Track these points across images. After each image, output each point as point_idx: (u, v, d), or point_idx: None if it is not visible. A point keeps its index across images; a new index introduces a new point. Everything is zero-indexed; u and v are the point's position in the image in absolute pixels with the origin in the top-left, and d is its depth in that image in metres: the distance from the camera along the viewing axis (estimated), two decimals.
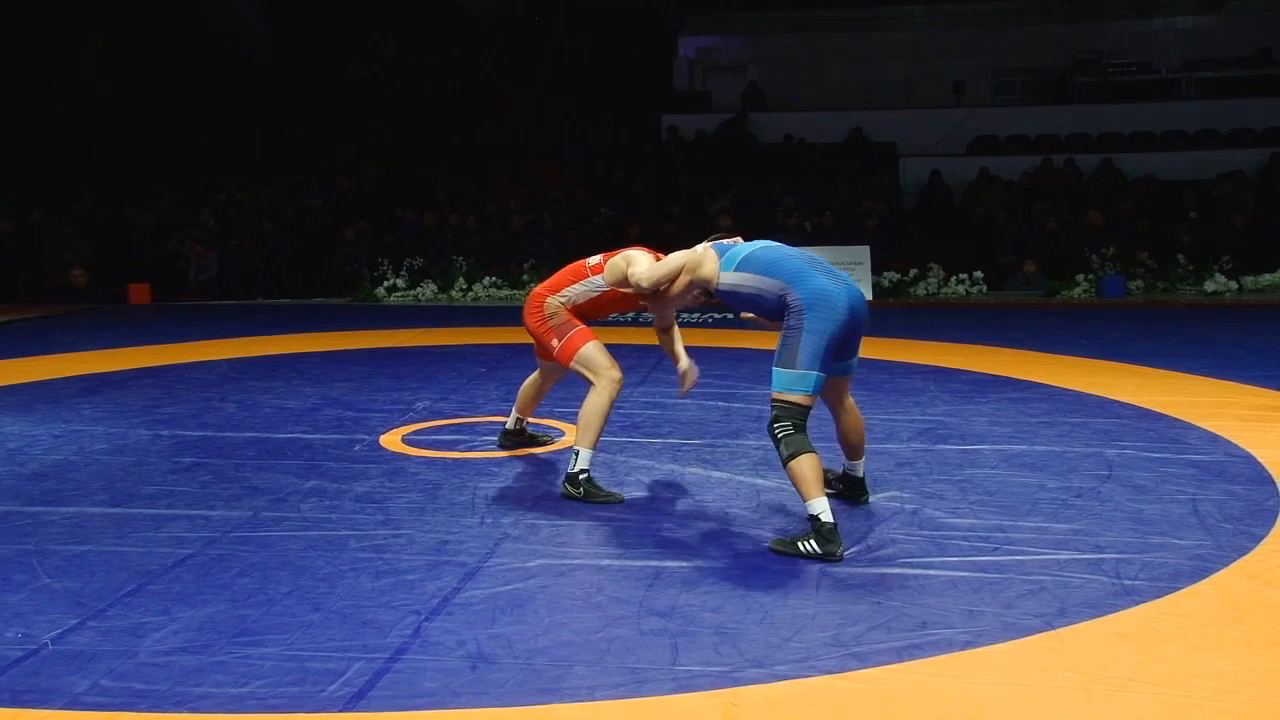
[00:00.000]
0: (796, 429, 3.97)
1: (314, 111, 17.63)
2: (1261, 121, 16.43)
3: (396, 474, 5.14)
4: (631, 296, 4.81)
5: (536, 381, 5.42)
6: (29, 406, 6.78)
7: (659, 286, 4.55)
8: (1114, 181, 15.34)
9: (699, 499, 4.72)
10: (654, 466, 5.24)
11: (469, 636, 3.26)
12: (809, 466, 3.93)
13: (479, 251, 14.24)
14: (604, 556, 4.03)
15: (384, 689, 2.94)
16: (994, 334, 9.58)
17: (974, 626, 3.31)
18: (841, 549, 3.91)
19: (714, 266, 4.33)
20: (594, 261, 4.93)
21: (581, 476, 4.69)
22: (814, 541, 3.90)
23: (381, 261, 13.75)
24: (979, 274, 13.31)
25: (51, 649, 3.21)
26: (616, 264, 4.78)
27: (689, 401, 6.58)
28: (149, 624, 3.38)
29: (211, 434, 5.97)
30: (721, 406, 6.54)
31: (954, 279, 13.29)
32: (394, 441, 5.80)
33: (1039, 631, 3.27)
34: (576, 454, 4.72)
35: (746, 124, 17.61)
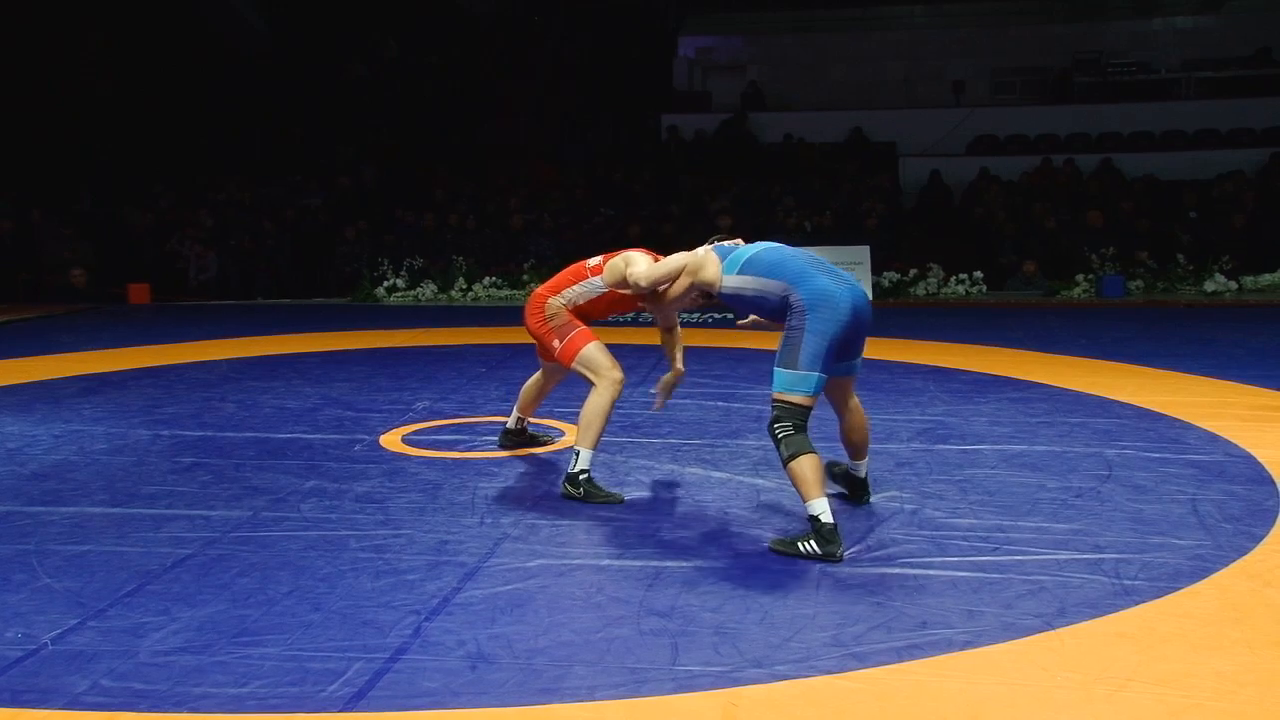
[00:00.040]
0: (797, 429, 3.97)
1: (314, 111, 17.62)
2: (1261, 121, 16.43)
3: (396, 474, 5.14)
4: (631, 297, 4.82)
5: (539, 382, 5.42)
6: (29, 406, 6.78)
7: (656, 287, 4.55)
8: (1114, 181, 15.33)
9: (699, 499, 4.72)
10: (654, 466, 5.25)
11: (469, 636, 3.26)
12: (809, 467, 3.93)
13: (479, 251, 14.23)
14: (604, 556, 4.03)
15: (384, 689, 2.94)
16: (994, 334, 9.58)
17: (974, 626, 3.31)
18: (841, 549, 3.91)
19: (716, 270, 4.33)
20: (594, 263, 4.94)
21: (582, 477, 4.69)
22: (814, 542, 3.90)
23: (381, 261, 13.75)
24: (979, 274, 13.31)
25: (51, 649, 3.21)
26: (615, 265, 4.79)
27: (689, 401, 6.58)
28: (149, 624, 3.38)
29: (211, 434, 5.98)
30: (721, 406, 6.54)
31: (954, 279, 13.29)
32: (394, 441, 5.80)
33: (1039, 631, 3.27)
34: (577, 454, 4.72)
35: (746, 124, 17.61)
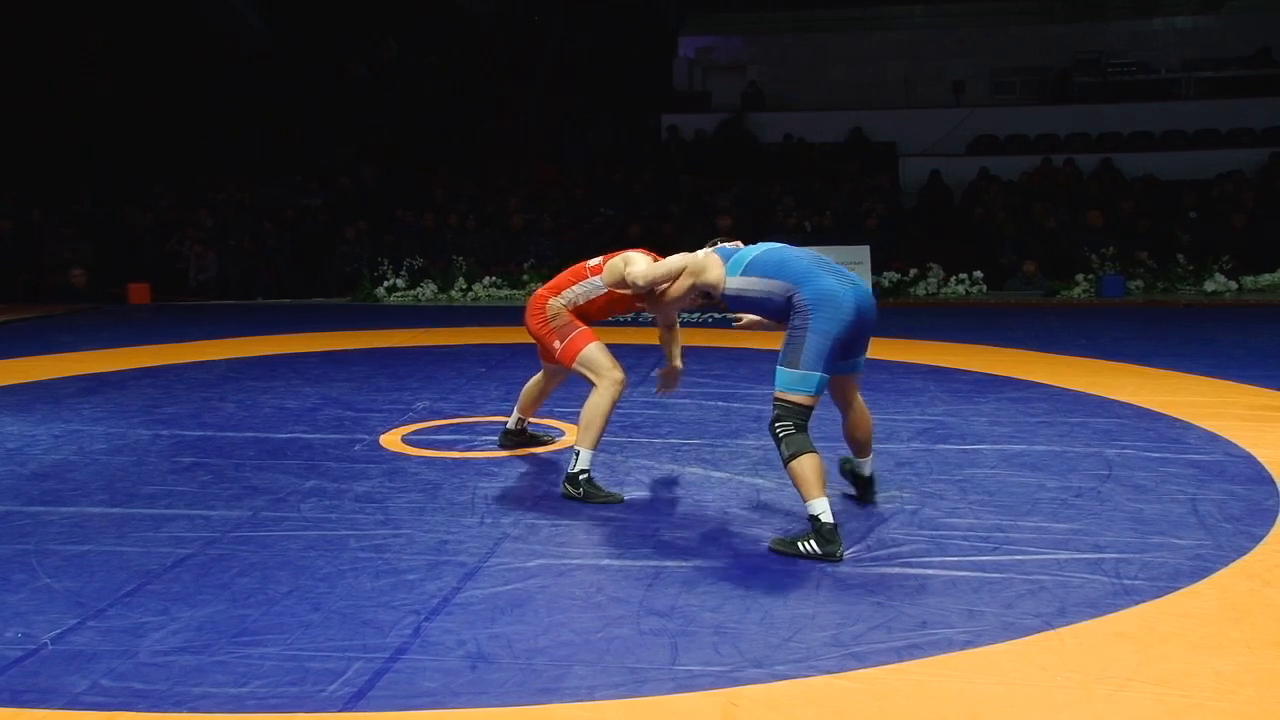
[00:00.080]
0: (798, 429, 3.97)
1: (314, 111, 17.63)
2: (1261, 121, 16.43)
3: (396, 474, 5.14)
4: (631, 297, 4.82)
5: (539, 383, 5.42)
6: (29, 406, 6.77)
7: (654, 286, 4.55)
8: (1114, 181, 15.34)
9: (699, 499, 4.72)
10: (654, 466, 5.24)
11: (469, 636, 3.26)
12: (810, 466, 3.93)
13: (479, 251, 14.24)
14: (604, 556, 4.03)
15: (384, 689, 2.94)
16: (994, 334, 9.58)
17: (974, 626, 3.31)
18: (841, 549, 3.91)
19: (720, 271, 4.32)
20: (594, 263, 4.95)
21: (582, 477, 4.69)
22: (814, 541, 3.90)
23: (381, 261, 13.75)
24: (979, 274, 13.31)
25: (51, 649, 3.21)
26: (615, 265, 4.79)
27: (689, 401, 6.58)
28: (149, 624, 3.38)
29: (211, 434, 5.97)
30: (721, 406, 6.54)
31: (954, 279, 13.29)
32: (394, 441, 5.80)
33: (1039, 631, 3.27)
34: (577, 454, 4.72)
35: (745, 123, 17.61)
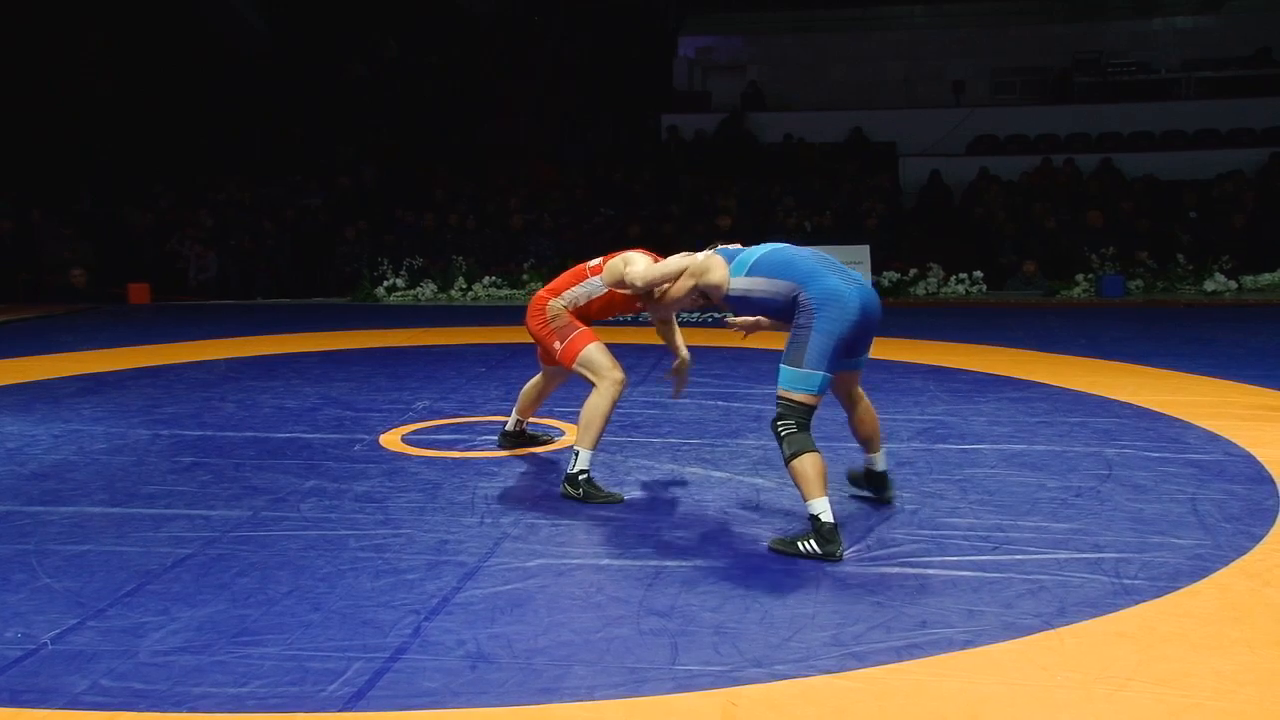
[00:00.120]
0: (800, 427, 3.97)
1: (314, 111, 17.63)
2: (1261, 121, 16.44)
3: (396, 474, 5.14)
4: (632, 297, 4.81)
5: (538, 384, 5.42)
6: (28, 406, 6.77)
7: (653, 287, 4.55)
8: (1114, 181, 15.34)
9: (699, 499, 4.72)
10: (654, 466, 5.24)
11: (469, 636, 3.26)
12: (811, 465, 3.92)
13: (479, 251, 14.24)
14: (604, 556, 4.03)
15: (384, 689, 2.94)
16: (994, 334, 9.58)
17: (974, 626, 3.31)
18: (841, 549, 3.91)
19: (723, 272, 4.30)
20: (594, 264, 4.95)
21: (581, 477, 4.69)
22: (814, 541, 3.90)
23: (381, 261, 13.76)
24: (979, 274, 13.32)
25: (51, 649, 3.21)
26: (614, 265, 4.79)
27: (689, 401, 6.58)
28: (148, 624, 3.38)
29: (211, 434, 5.97)
30: (721, 406, 6.54)
31: (954, 279, 13.29)
32: (394, 441, 5.80)
33: (1039, 631, 3.27)
34: (576, 454, 4.72)
35: (744, 122, 17.60)
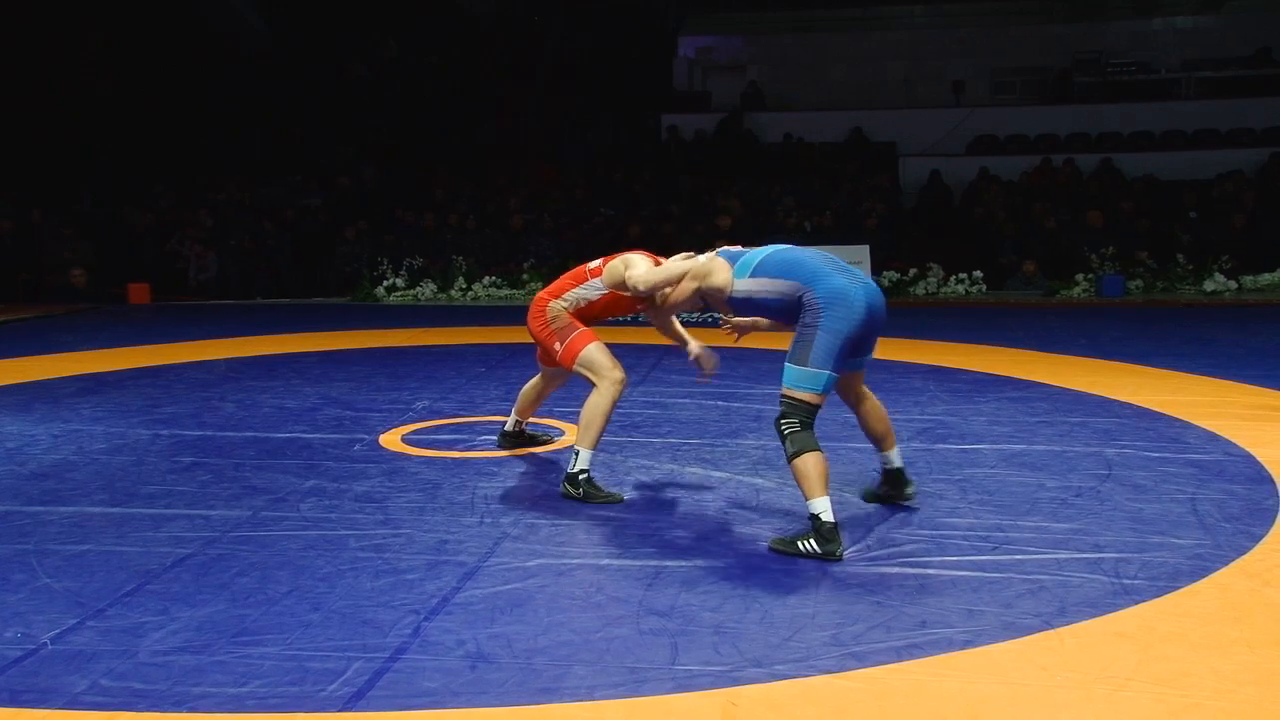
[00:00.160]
0: (803, 426, 3.97)
1: (314, 111, 17.64)
2: (1261, 121, 16.44)
3: (396, 474, 5.14)
4: (632, 298, 4.81)
5: (538, 385, 5.43)
6: (28, 406, 6.77)
7: (656, 291, 4.54)
8: (1113, 181, 15.34)
9: (699, 499, 4.72)
10: (654, 466, 5.24)
11: (468, 636, 3.26)
12: (813, 464, 3.92)
13: (479, 251, 14.25)
14: (603, 556, 4.03)
15: (383, 689, 2.94)
16: (994, 334, 9.58)
17: (973, 626, 3.31)
18: (841, 548, 3.91)
19: (727, 275, 4.29)
20: (594, 265, 4.96)
21: (581, 477, 4.69)
22: (814, 541, 3.90)
23: (381, 261, 13.76)
24: (979, 274, 13.33)
25: (51, 649, 3.21)
26: (615, 267, 4.79)
27: (689, 401, 6.58)
28: (148, 624, 3.38)
29: (211, 434, 5.97)
30: (721, 406, 6.54)
31: (954, 279, 13.30)
32: (393, 441, 5.80)
33: (1038, 631, 3.27)
34: (576, 454, 4.72)
35: (744, 122, 17.61)
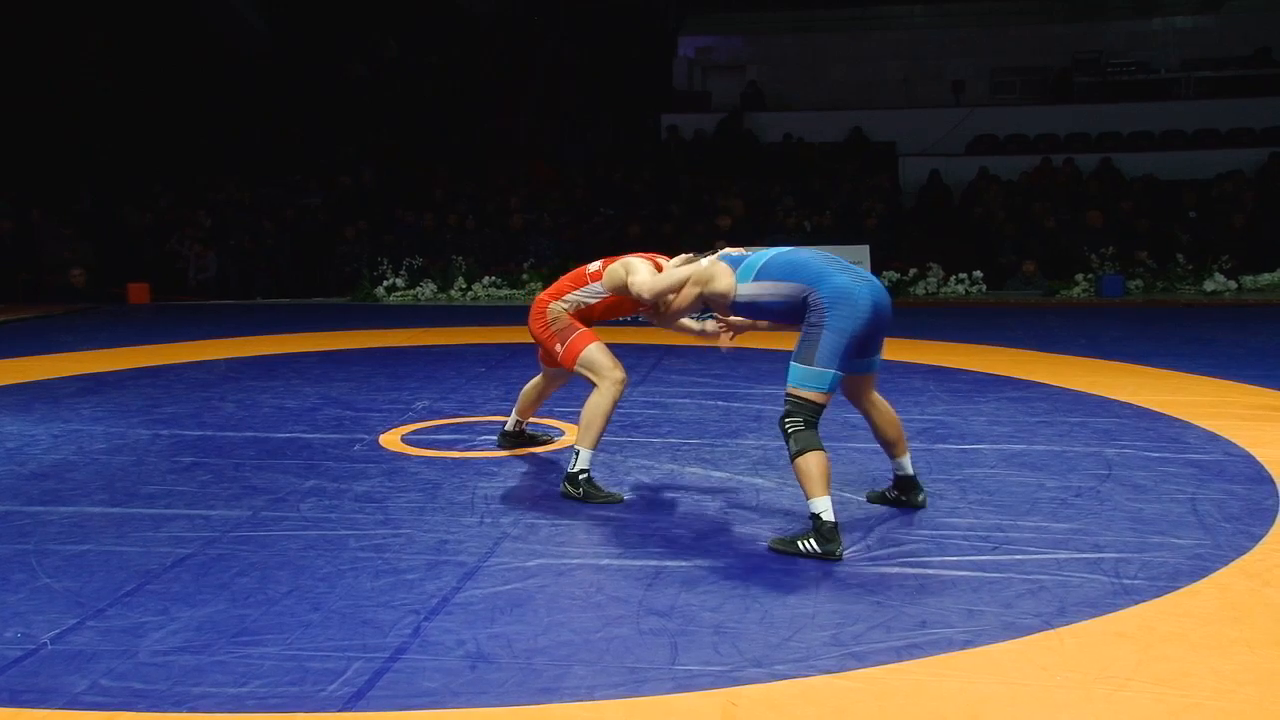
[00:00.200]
0: (807, 425, 3.96)
1: (314, 111, 17.63)
2: (1260, 121, 16.44)
3: (396, 473, 5.14)
4: (632, 300, 4.81)
5: (538, 385, 5.43)
6: (28, 406, 6.77)
7: (660, 299, 4.54)
8: (1113, 181, 15.34)
9: (699, 499, 4.72)
10: (654, 466, 5.24)
11: (468, 636, 3.26)
12: (815, 464, 3.92)
13: (478, 251, 14.24)
14: (603, 556, 4.03)
15: (383, 689, 2.94)
16: (994, 334, 9.58)
17: (973, 626, 3.31)
18: (841, 548, 3.91)
19: (730, 279, 4.29)
20: (594, 268, 4.96)
21: (581, 477, 4.69)
22: (814, 540, 3.90)
23: (381, 261, 13.76)
24: (978, 273, 13.33)
25: (50, 649, 3.21)
26: (615, 271, 4.79)
27: (689, 401, 6.58)
28: (148, 624, 3.38)
29: (211, 434, 5.97)
30: (721, 406, 6.54)
31: (953, 278, 13.30)
32: (393, 441, 5.80)
33: (1038, 631, 3.26)
34: (577, 454, 4.72)
35: (744, 122, 17.61)
